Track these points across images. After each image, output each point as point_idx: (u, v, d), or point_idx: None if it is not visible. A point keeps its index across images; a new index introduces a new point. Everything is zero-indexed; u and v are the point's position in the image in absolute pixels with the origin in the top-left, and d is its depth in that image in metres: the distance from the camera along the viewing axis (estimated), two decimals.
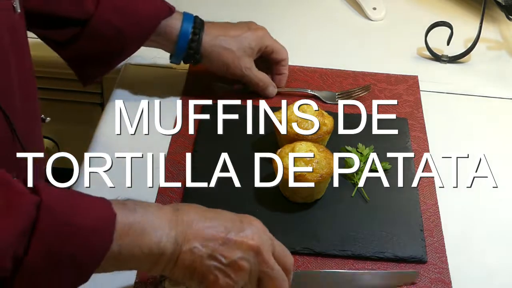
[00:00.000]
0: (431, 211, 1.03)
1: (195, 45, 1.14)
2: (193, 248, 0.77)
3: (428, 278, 0.94)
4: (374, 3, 1.49)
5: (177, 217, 0.78)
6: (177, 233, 0.77)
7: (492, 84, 1.30)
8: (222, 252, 0.78)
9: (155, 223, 0.76)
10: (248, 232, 0.80)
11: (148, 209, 0.77)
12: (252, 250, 0.79)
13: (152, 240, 0.76)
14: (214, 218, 0.81)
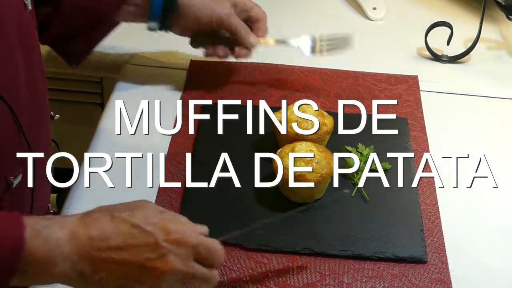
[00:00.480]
0: (431, 211, 1.03)
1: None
2: (101, 280, 0.76)
3: (428, 278, 0.94)
4: (374, 3, 1.49)
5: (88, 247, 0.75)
6: (84, 265, 0.75)
7: (492, 84, 1.30)
8: (135, 278, 0.76)
9: (64, 253, 0.74)
10: (162, 254, 0.77)
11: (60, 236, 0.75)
12: (166, 274, 0.77)
13: (55, 271, 0.74)
14: (126, 240, 0.76)
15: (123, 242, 0.76)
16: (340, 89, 1.25)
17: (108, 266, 0.76)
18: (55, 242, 0.74)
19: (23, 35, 0.87)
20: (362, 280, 0.94)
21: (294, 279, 0.94)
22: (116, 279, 0.76)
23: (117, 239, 0.76)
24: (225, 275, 0.93)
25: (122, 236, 0.76)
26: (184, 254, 0.79)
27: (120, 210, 0.79)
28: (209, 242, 0.81)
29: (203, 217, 0.99)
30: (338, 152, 1.08)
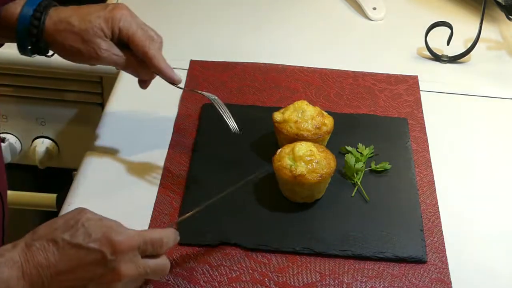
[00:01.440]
0: (431, 211, 1.03)
1: (36, 31, 0.99)
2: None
3: (428, 278, 0.94)
4: (374, 3, 1.49)
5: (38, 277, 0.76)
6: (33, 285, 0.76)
7: (492, 84, 1.30)
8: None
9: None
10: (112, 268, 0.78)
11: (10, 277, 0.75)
12: (120, 282, 0.79)
13: None
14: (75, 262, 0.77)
15: (73, 265, 0.77)
16: (340, 89, 1.25)
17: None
18: (5, 284, 0.75)
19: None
20: (362, 280, 0.94)
21: (294, 279, 0.94)
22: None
23: (66, 264, 0.77)
24: (225, 275, 0.93)
25: (70, 261, 0.77)
26: (133, 258, 0.80)
27: (62, 231, 0.78)
28: (150, 236, 0.83)
29: (203, 217, 0.99)
30: (338, 152, 1.08)
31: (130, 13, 1.01)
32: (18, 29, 0.99)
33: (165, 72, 1.03)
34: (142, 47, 1.00)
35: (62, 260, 0.77)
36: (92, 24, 0.99)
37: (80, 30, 0.99)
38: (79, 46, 0.99)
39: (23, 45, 1.01)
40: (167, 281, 0.92)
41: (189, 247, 0.96)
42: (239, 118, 1.16)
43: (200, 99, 1.20)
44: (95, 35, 0.99)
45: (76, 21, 0.99)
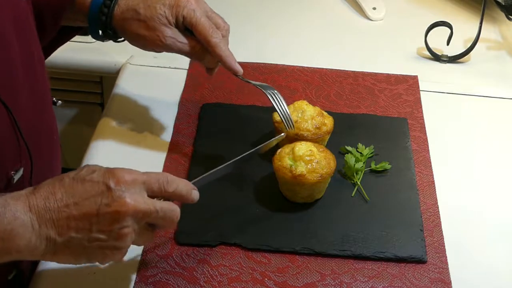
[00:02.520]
0: (431, 211, 1.03)
1: (105, 18, 1.03)
2: (69, 239, 0.76)
3: (428, 278, 0.94)
4: (374, 3, 1.49)
5: (45, 212, 0.76)
6: (48, 230, 0.76)
7: (492, 84, 1.30)
8: (100, 228, 0.77)
9: (24, 224, 0.75)
10: (117, 197, 0.77)
11: (16, 209, 0.75)
12: (128, 215, 0.78)
13: (20, 243, 0.75)
14: (81, 196, 0.77)
15: (77, 197, 0.77)
16: (340, 89, 1.25)
17: (71, 224, 0.76)
18: (12, 215, 0.74)
19: (20, 29, 0.86)
20: (362, 280, 0.94)
21: (294, 279, 0.94)
22: (82, 236, 0.77)
23: (71, 197, 0.77)
24: (225, 275, 0.93)
25: (74, 193, 0.77)
26: (139, 192, 0.79)
27: (67, 174, 0.79)
28: (156, 174, 0.82)
29: (203, 217, 0.99)
30: (338, 152, 1.08)
31: (196, 0, 1.02)
32: (89, 16, 1.03)
33: (225, 62, 1.03)
34: (205, 35, 1.01)
35: (68, 193, 0.77)
36: (157, 11, 1.01)
37: (146, 18, 1.01)
38: (144, 33, 1.01)
39: (94, 31, 1.05)
40: (167, 281, 0.92)
41: (189, 247, 0.96)
42: (239, 118, 1.16)
43: (200, 99, 1.20)
44: (160, 23, 1.01)
45: (142, 8, 1.01)
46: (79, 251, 0.77)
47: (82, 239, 0.77)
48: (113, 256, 0.79)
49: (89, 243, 0.77)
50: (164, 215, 0.81)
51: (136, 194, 0.79)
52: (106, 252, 0.78)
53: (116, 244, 0.78)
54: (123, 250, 0.80)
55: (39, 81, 0.93)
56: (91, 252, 0.78)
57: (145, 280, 0.92)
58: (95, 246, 0.77)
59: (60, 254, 0.77)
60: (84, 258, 0.79)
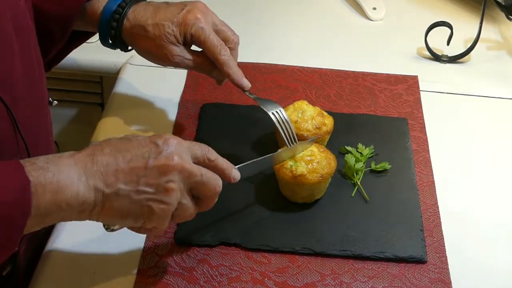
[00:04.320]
0: (431, 211, 1.03)
1: (114, 31, 1.04)
2: (117, 191, 0.77)
3: (428, 278, 0.94)
4: (374, 3, 1.49)
5: (93, 165, 0.77)
6: (95, 180, 0.77)
7: (492, 84, 1.30)
8: (147, 182, 0.78)
9: (70, 176, 0.75)
10: (165, 153, 0.80)
11: (60, 163, 0.76)
12: (175, 170, 0.80)
13: (69, 194, 0.75)
14: (129, 151, 0.79)
15: (124, 152, 0.79)
16: (340, 89, 1.25)
17: (119, 176, 0.78)
18: (56, 169, 0.75)
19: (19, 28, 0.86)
20: (362, 280, 0.94)
21: (294, 279, 0.94)
22: (131, 188, 0.78)
23: (119, 151, 0.79)
24: (225, 275, 0.93)
25: (122, 148, 0.79)
26: (185, 153, 0.81)
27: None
28: (199, 144, 0.84)
29: (203, 217, 0.99)
30: (338, 152, 1.08)
31: (204, 16, 1.03)
32: (99, 27, 1.04)
33: (233, 79, 1.05)
34: (213, 53, 1.02)
35: (115, 148, 0.79)
36: (165, 30, 1.01)
37: (154, 36, 1.02)
38: (152, 50, 1.03)
39: (104, 40, 1.06)
40: (167, 281, 0.92)
41: (189, 247, 0.96)
42: (239, 118, 1.16)
43: (200, 99, 1.20)
44: (168, 41, 1.02)
45: (150, 26, 1.02)
46: (127, 205, 0.78)
47: (130, 191, 0.78)
48: (160, 214, 0.80)
49: (136, 196, 0.78)
50: (207, 181, 0.83)
51: (182, 154, 0.81)
52: (153, 206, 0.79)
53: (163, 199, 0.79)
54: (169, 208, 0.80)
55: (36, 80, 0.93)
56: (138, 206, 0.78)
57: (145, 280, 0.92)
58: (142, 199, 0.78)
59: (108, 210, 0.78)
60: (131, 216, 0.79)
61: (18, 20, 0.86)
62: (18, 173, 0.73)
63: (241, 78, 1.05)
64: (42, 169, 0.75)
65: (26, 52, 0.89)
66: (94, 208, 0.77)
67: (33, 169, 0.74)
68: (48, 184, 0.74)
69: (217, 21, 1.04)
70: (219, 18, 1.05)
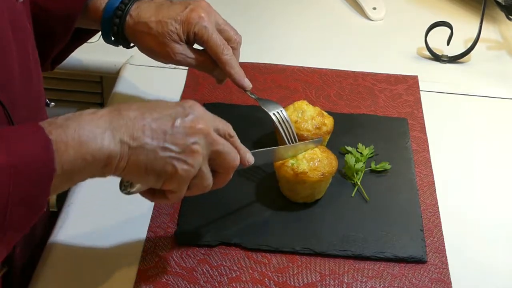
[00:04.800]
0: (431, 211, 1.03)
1: (116, 28, 1.04)
2: (144, 145, 0.77)
3: (428, 278, 0.94)
4: (374, 3, 1.49)
5: (118, 119, 0.77)
6: (121, 133, 0.76)
7: (492, 84, 1.30)
8: (174, 140, 0.79)
9: (93, 131, 0.75)
10: (192, 116, 0.81)
11: (81, 119, 0.76)
12: (201, 133, 0.80)
13: (93, 147, 0.74)
14: (156, 109, 0.80)
15: (152, 110, 0.79)
16: (340, 89, 1.25)
17: (146, 132, 0.77)
18: (77, 125, 0.75)
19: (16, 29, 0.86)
20: (362, 280, 0.94)
21: (294, 279, 0.94)
22: (157, 143, 0.78)
23: (147, 109, 0.79)
24: (225, 275, 0.93)
25: (150, 107, 0.80)
26: (210, 122, 0.82)
27: None
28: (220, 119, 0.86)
29: (203, 217, 0.99)
30: (338, 152, 1.08)
31: (207, 14, 1.02)
32: (101, 24, 1.04)
33: (235, 78, 1.05)
34: (216, 52, 1.02)
35: (143, 106, 0.79)
36: (168, 27, 1.01)
37: (157, 33, 1.02)
38: (155, 48, 1.03)
39: (107, 37, 1.06)
40: (167, 281, 0.92)
41: (189, 247, 0.96)
42: (239, 118, 1.16)
43: (200, 99, 1.20)
44: (171, 39, 1.02)
45: (153, 23, 1.02)
46: (152, 160, 0.78)
47: (156, 147, 0.77)
48: (182, 174, 0.79)
49: (162, 152, 0.78)
50: (228, 152, 0.83)
51: (208, 121, 0.82)
52: (177, 166, 0.79)
53: (187, 159, 0.79)
54: (191, 171, 0.80)
55: (34, 81, 0.93)
56: (162, 163, 0.78)
57: (145, 280, 0.92)
58: (167, 156, 0.78)
59: (133, 164, 0.77)
60: (154, 172, 0.79)
61: (15, 21, 0.86)
62: (38, 134, 0.72)
63: (242, 78, 1.05)
64: (62, 127, 0.74)
65: (24, 53, 0.89)
66: (120, 161, 0.77)
67: (53, 128, 0.74)
68: (70, 141, 0.73)
69: (220, 20, 1.05)
70: (222, 18, 1.05)
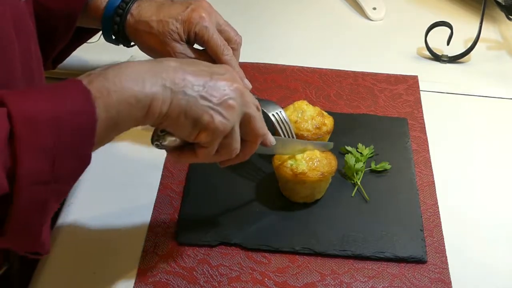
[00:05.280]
0: (431, 211, 1.03)
1: (117, 27, 1.05)
2: (186, 90, 0.79)
3: (428, 278, 0.94)
4: (374, 3, 1.49)
5: (160, 66, 0.79)
6: (163, 79, 0.78)
7: (492, 84, 1.30)
8: (212, 92, 0.81)
9: (133, 77, 0.76)
10: (228, 75, 0.83)
11: (120, 66, 0.77)
12: (238, 90, 0.83)
13: (135, 89, 0.76)
14: (194, 63, 0.83)
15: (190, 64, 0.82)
16: (340, 89, 1.25)
17: (187, 81, 0.80)
18: (117, 71, 0.76)
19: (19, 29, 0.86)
20: (362, 280, 0.94)
21: (294, 279, 0.94)
22: (197, 92, 0.80)
23: (185, 63, 0.82)
24: (225, 275, 0.93)
25: (187, 61, 0.83)
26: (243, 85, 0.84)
27: None
28: None
29: (203, 217, 0.99)
30: (338, 152, 1.08)
31: (208, 15, 1.03)
32: (102, 23, 1.05)
33: None
34: (216, 53, 1.03)
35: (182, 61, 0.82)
36: (169, 27, 1.02)
37: (158, 32, 1.02)
38: (155, 47, 1.04)
39: (107, 35, 1.07)
40: (167, 281, 0.92)
41: (189, 247, 0.96)
42: None
43: None
44: (171, 38, 1.02)
45: (154, 22, 1.02)
46: (191, 106, 0.80)
47: (197, 95, 0.80)
48: (217, 126, 0.81)
49: (202, 101, 0.80)
50: (259, 117, 0.86)
51: (241, 83, 0.84)
52: (214, 116, 0.81)
53: (224, 112, 0.81)
54: (226, 125, 0.82)
55: (36, 81, 0.93)
56: (201, 111, 0.80)
57: (145, 280, 0.92)
58: (206, 105, 0.80)
59: (175, 108, 0.79)
60: (192, 118, 0.80)
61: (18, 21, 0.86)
62: (78, 86, 0.73)
63: (242, 78, 1.05)
64: (101, 75, 0.75)
65: (26, 53, 0.89)
66: (163, 104, 0.78)
67: (94, 77, 0.75)
68: (112, 85, 0.75)
69: (221, 20, 1.05)
70: (223, 18, 1.05)
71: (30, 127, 0.69)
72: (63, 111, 0.71)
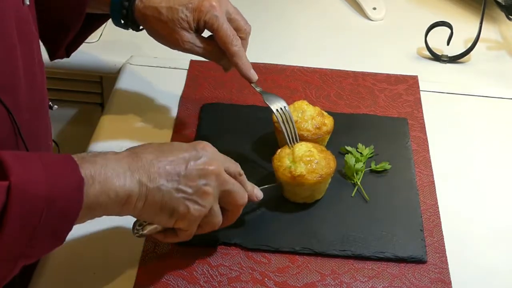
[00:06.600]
0: (431, 211, 1.03)
1: (126, 11, 1.04)
2: (160, 186, 0.81)
3: (428, 278, 0.94)
4: (374, 3, 1.49)
5: (137, 161, 0.81)
6: (140, 175, 0.80)
7: (492, 84, 1.30)
8: (187, 182, 0.83)
9: (117, 170, 0.79)
10: (204, 158, 0.85)
11: (107, 158, 0.80)
12: (213, 174, 0.85)
13: (116, 184, 0.78)
14: (171, 153, 0.84)
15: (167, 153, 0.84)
16: (340, 89, 1.25)
17: (162, 174, 0.82)
18: (104, 162, 0.78)
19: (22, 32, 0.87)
20: (362, 280, 0.94)
21: (294, 279, 0.94)
22: (172, 185, 0.82)
23: (161, 152, 0.83)
24: (225, 275, 0.93)
25: (164, 149, 0.84)
26: (220, 163, 0.87)
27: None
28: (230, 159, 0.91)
29: None
30: (338, 152, 1.08)
31: (219, 3, 1.02)
32: (111, 7, 1.04)
33: (241, 69, 1.05)
34: (225, 42, 1.02)
35: (158, 150, 0.84)
36: (179, 14, 1.01)
37: (167, 19, 1.02)
38: (164, 33, 1.03)
39: (116, 20, 1.07)
40: (167, 281, 0.92)
41: (189, 247, 0.96)
42: (239, 118, 1.16)
43: (200, 99, 1.20)
44: (180, 27, 1.02)
45: (164, 8, 1.02)
46: (166, 200, 0.82)
47: (171, 188, 0.82)
48: (193, 214, 0.84)
49: (176, 193, 0.82)
50: (237, 191, 0.88)
51: (219, 162, 0.86)
52: (189, 206, 0.83)
53: (199, 200, 0.84)
54: (202, 211, 0.85)
55: (38, 85, 0.93)
56: (176, 204, 0.83)
57: (145, 280, 0.92)
58: (180, 197, 0.83)
59: (150, 203, 0.81)
60: (168, 211, 0.83)
61: (21, 24, 0.86)
62: (75, 172, 0.75)
63: (249, 69, 1.06)
64: (90, 162, 0.77)
65: (29, 57, 0.89)
66: (138, 201, 0.81)
67: (83, 162, 0.77)
68: (97, 176, 0.77)
69: (231, 9, 1.04)
70: (233, 6, 1.05)
71: (24, 206, 0.71)
72: (57, 194, 0.73)
